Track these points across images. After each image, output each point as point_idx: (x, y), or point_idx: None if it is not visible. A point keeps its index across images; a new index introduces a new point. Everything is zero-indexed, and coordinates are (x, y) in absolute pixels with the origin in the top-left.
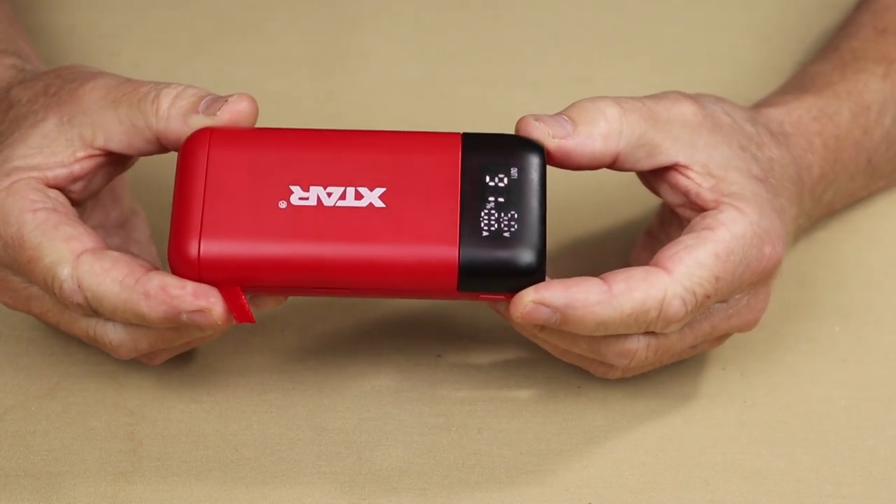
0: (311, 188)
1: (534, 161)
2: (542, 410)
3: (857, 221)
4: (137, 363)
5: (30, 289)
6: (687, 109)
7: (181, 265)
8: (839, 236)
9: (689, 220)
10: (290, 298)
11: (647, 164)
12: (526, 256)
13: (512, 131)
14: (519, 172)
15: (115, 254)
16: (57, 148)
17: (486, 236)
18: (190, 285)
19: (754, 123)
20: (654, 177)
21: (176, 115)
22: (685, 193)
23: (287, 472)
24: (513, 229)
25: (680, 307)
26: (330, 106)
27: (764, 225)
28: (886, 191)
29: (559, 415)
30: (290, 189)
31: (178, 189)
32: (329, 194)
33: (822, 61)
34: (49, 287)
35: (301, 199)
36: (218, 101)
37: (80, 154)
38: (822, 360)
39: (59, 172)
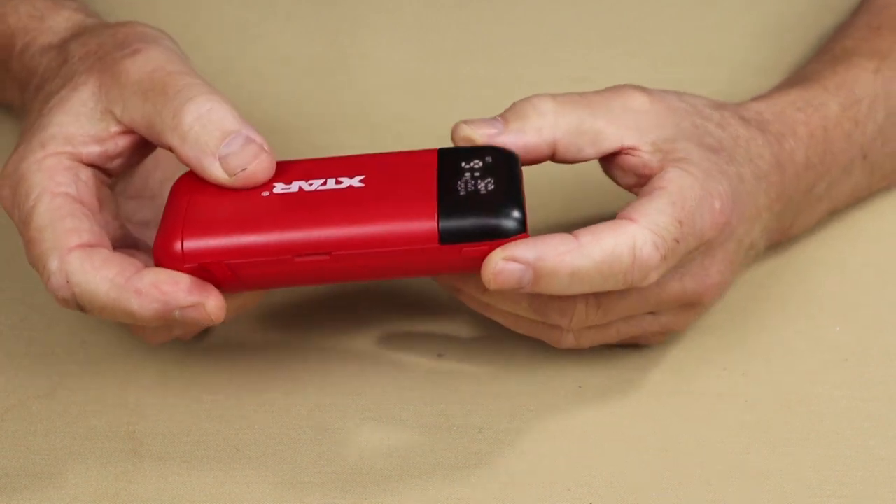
0: (294, 182)
1: (509, 158)
2: (542, 410)
3: (858, 221)
4: (137, 362)
5: None
6: (634, 97)
7: (166, 260)
8: (839, 236)
9: None
10: (290, 297)
11: (593, 152)
12: (506, 202)
13: None
14: (494, 159)
15: (107, 252)
16: (93, 117)
17: (463, 195)
18: (184, 280)
19: (718, 109)
20: (607, 163)
21: (193, 146)
22: (634, 171)
23: (287, 472)
24: (490, 187)
25: (653, 251)
26: (330, 106)
27: (711, 183)
28: (888, 190)
29: (559, 415)
30: (272, 185)
31: (167, 204)
32: (311, 184)
33: (815, 61)
34: (40, 274)
35: (283, 188)
36: (242, 152)
37: (114, 129)
38: (822, 360)
39: (93, 149)
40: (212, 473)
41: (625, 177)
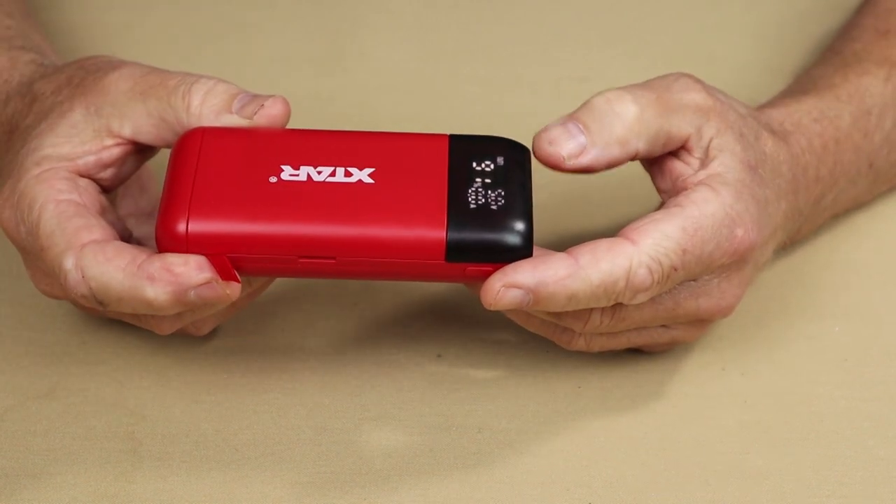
0: (302, 168)
1: (521, 157)
2: (542, 410)
3: (858, 222)
4: (137, 363)
5: None
6: (697, 96)
7: (169, 241)
8: (839, 237)
9: None
10: (290, 296)
11: (661, 152)
12: (515, 222)
13: (511, 130)
14: (506, 160)
15: (119, 243)
16: (85, 137)
17: (473, 208)
18: (192, 259)
19: (756, 118)
20: (653, 160)
21: (208, 114)
22: (674, 178)
23: (287, 472)
24: (500, 202)
25: (646, 276)
26: (330, 106)
27: (738, 208)
28: (889, 192)
29: (559, 415)
30: (280, 168)
31: (168, 175)
32: (319, 172)
33: (824, 64)
34: (57, 278)
35: (292, 175)
36: (253, 102)
37: (109, 142)
38: (822, 360)
39: (89, 160)
40: (211, 474)
41: (663, 181)
